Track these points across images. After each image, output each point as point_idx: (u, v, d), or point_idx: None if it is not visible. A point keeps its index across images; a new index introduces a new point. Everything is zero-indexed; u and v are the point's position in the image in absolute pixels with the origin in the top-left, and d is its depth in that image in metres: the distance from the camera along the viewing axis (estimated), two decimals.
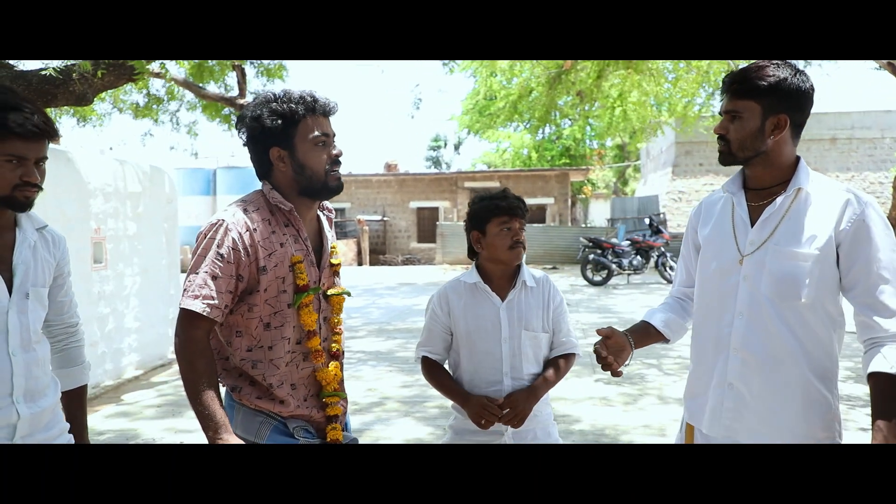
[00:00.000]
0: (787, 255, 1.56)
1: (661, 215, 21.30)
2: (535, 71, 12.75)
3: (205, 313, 1.56)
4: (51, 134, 1.80)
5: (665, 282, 13.29)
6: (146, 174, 6.41)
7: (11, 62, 5.04)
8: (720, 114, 1.64)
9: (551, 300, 2.07)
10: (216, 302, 1.57)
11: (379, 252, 23.18)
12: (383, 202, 23.84)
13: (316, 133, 1.66)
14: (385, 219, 23.58)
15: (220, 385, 1.66)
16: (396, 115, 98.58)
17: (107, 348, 5.65)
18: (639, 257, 13.38)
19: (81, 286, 5.35)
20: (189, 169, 20.25)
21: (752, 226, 1.63)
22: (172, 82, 8.48)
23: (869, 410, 1.50)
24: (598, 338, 1.74)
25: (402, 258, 22.76)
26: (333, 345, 1.78)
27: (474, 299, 2.03)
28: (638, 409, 4.56)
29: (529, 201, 22.52)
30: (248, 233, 1.61)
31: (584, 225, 27.12)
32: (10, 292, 1.56)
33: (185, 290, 1.60)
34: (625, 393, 5.07)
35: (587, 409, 4.64)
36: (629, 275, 13.54)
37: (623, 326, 1.86)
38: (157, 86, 9.05)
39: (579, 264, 13.90)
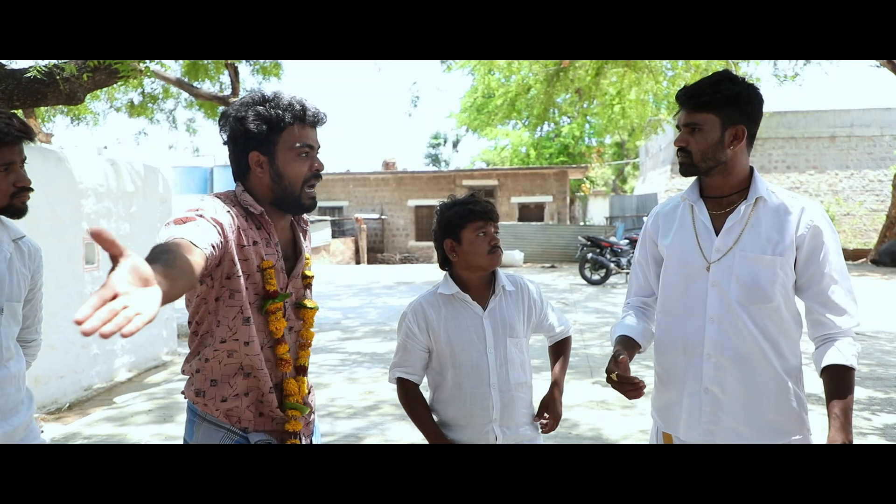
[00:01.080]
0: (754, 261, 1.63)
1: None
2: (533, 68, 12.70)
3: (199, 244, 1.33)
4: (30, 135, 1.74)
5: None
6: (139, 174, 6.34)
7: (2, 61, 4.97)
8: (677, 127, 1.69)
9: (532, 302, 1.99)
10: (203, 244, 1.35)
11: (377, 250, 23.13)
12: (381, 200, 23.77)
13: (300, 143, 1.59)
14: (383, 217, 23.51)
15: (184, 396, 1.60)
16: (395, 112, 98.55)
17: (99, 350, 5.59)
18: None
19: (73, 287, 5.28)
20: (186, 167, 20.18)
21: (717, 233, 1.68)
22: (164, 81, 8.41)
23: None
24: (598, 339, 1.72)
25: (401, 256, 22.70)
26: (300, 359, 1.70)
27: (454, 311, 1.93)
28: (638, 414, 4.51)
29: (528, 199, 22.82)
30: (228, 216, 1.51)
31: (582, 223, 27.08)
32: None
33: (164, 231, 1.38)
34: (623, 396, 5.01)
35: (585, 414, 4.58)
36: (627, 274, 13.48)
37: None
38: (152, 85, 8.99)
39: (577, 263, 13.84)
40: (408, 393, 1.97)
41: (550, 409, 1.99)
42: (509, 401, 1.90)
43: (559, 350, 2.12)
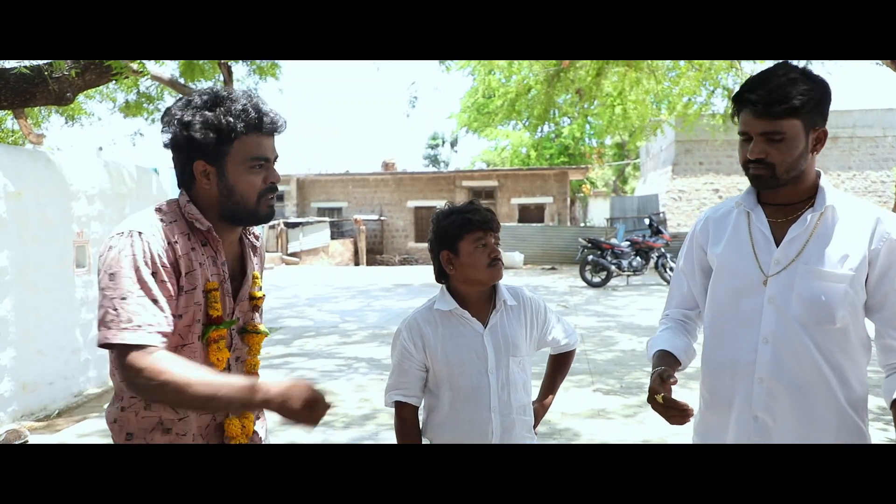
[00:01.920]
0: (819, 276, 1.46)
1: (661, 214, 21.15)
2: (533, 69, 12.60)
3: (160, 344, 1.30)
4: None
5: (665, 283, 13.14)
6: (132, 175, 6.23)
7: None
8: (743, 134, 1.47)
9: (534, 315, 1.85)
10: (165, 328, 1.31)
11: (376, 252, 23.02)
12: (380, 201, 23.66)
13: (253, 155, 1.41)
14: (382, 218, 23.40)
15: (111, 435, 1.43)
16: (394, 112, 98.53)
17: (90, 355, 5.48)
18: (638, 258, 13.21)
19: (63, 291, 5.18)
20: None
21: (777, 244, 1.51)
22: (158, 81, 8.29)
23: (881, 425, 1.41)
24: (598, 343, 1.60)
25: (400, 258, 22.60)
26: None
27: (451, 328, 1.78)
28: (637, 423, 4.39)
29: (528, 200, 22.72)
30: (169, 246, 1.36)
31: (583, 224, 26.98)
32: None
33: (113, 320, 1.27)
34: (625, 405, 4.90)
35: (586, 424, 4.47)
36: (629, 276, 13.37)
37: (622, 329, 1.72)
38: (147, 84, 8.88)
39: (578, 265, 13.73)
40: (404, 424, 1.81)
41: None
42: (510, 425, 1.77)
43: (560, 362, 1.99)
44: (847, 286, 1.45)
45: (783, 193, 1.51)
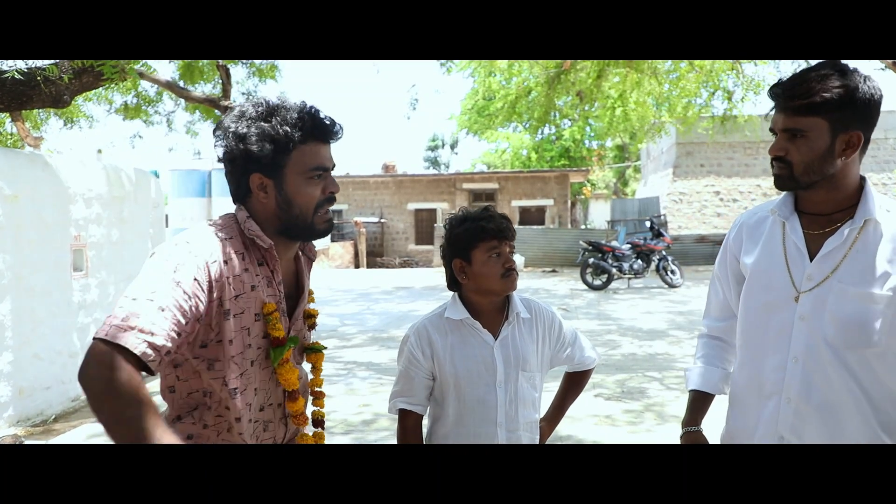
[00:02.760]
0: (854, 296, 1.36)
1: (662, 217, 21.11)
2: (533, 71, 12.57)
3: (137, 351, 1.11)
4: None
5: (666, 286, 13.09)
6: (130, 178, 6.19)
7: None
8: (772, 130, 1.41)
9: (548, 331, 1.79)
10: (156, 340, 1.14)
11: (376, 254, 22.98)
12: (381, 203, 23.63)
13: (313, 165, 1.36)
14: (382, 220, 23.37)
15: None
16: (394, 115, 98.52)
17: None
18: (639, 261, 13.15)
19: (60, 295, 5.13)
20: (185, 171, 20.05)
21: (811, 258, 1.41)
22: (155, 84, 8.25)
23: None
24: (600, 346, 1.55)
25: (400, 260, 22.55)
26: (316, 411, 1.51)
27: (461, 338, 1.72)
28: (645, 431, 4.34)
29: (528, 203, 22.69)
30: (216, 264, 1.27)
31: (584, 226, 26.94)
32: None
33: (112, 317, 1.14)
34: (628, 410, 4.85)
35: (590, 430, 4.42)
36: (630, 279, 13.31)
37: (623, 332, 1.69)
38: (146, 86, 8.84)
39: (579, 267, 13.68)
40: (407, 433, 1.76)
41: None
42: (516, 441, 1.72)
43: (574, 380, 1.92)
44: (885, 307, 1.34)
45: (818, 201, 1.42)
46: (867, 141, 1.38)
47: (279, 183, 1.35)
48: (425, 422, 1.82)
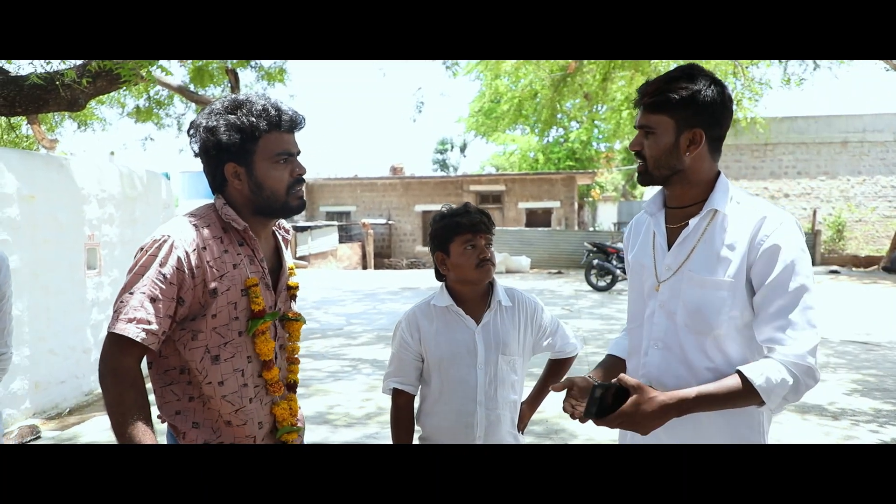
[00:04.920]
0: (700, 283, 1.46)
1: None
2: (539, 74, 12.64)
3: (138, 339, 1.38)
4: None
5: None
6: (142, 180, 6.35)
7: (6, 67, 5.00)
8: (635, 128, 1.54)
9: (529, 319, 1.93)
10: (153, 327, 1.39)
11: (384, 255, 23.12)
12: (388, 205, 23.77)
13: (278, 151, 1.52)
14: (390, 222, 23.51)
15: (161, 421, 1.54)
16: (402, 117, 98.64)
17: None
18: None
19: (74, 293, 5.30)
20: (195, 172, 20.30)
21: (669, 249, 1.53)
22: (166, 87, 8.43)
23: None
24: (602, 346, 1.65)
25: (407, 262, 22.67)
26: (290, 375, 1.66)
27: (446, 324, 1.88)
28: None
29: (535, 205, 22.72)
30: (195, 252, 1.45)
31: (591, 228, 26.95)
32: None
33: (116, 311, 1.41)
34: None
35: (585, 425, 4.51)
36: None
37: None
38: (156, 89, 9.03)
39: (584, 269, 13.75)
40: (399, 411, 1.93)
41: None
42: (495, 419, 1.86)
43: (556, 367, 2.07)
44: (727, 293, 1.43)
45: (675, 196, 1.53)
46: (715, 139, 1.48)
47: (250, 170, 1.51)
48: (416, 402, 1.96)
